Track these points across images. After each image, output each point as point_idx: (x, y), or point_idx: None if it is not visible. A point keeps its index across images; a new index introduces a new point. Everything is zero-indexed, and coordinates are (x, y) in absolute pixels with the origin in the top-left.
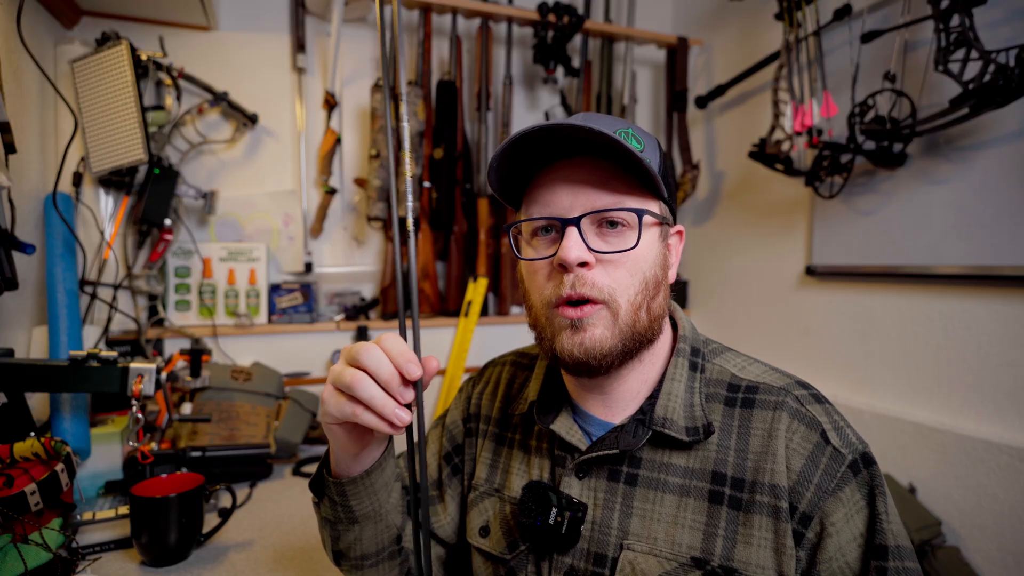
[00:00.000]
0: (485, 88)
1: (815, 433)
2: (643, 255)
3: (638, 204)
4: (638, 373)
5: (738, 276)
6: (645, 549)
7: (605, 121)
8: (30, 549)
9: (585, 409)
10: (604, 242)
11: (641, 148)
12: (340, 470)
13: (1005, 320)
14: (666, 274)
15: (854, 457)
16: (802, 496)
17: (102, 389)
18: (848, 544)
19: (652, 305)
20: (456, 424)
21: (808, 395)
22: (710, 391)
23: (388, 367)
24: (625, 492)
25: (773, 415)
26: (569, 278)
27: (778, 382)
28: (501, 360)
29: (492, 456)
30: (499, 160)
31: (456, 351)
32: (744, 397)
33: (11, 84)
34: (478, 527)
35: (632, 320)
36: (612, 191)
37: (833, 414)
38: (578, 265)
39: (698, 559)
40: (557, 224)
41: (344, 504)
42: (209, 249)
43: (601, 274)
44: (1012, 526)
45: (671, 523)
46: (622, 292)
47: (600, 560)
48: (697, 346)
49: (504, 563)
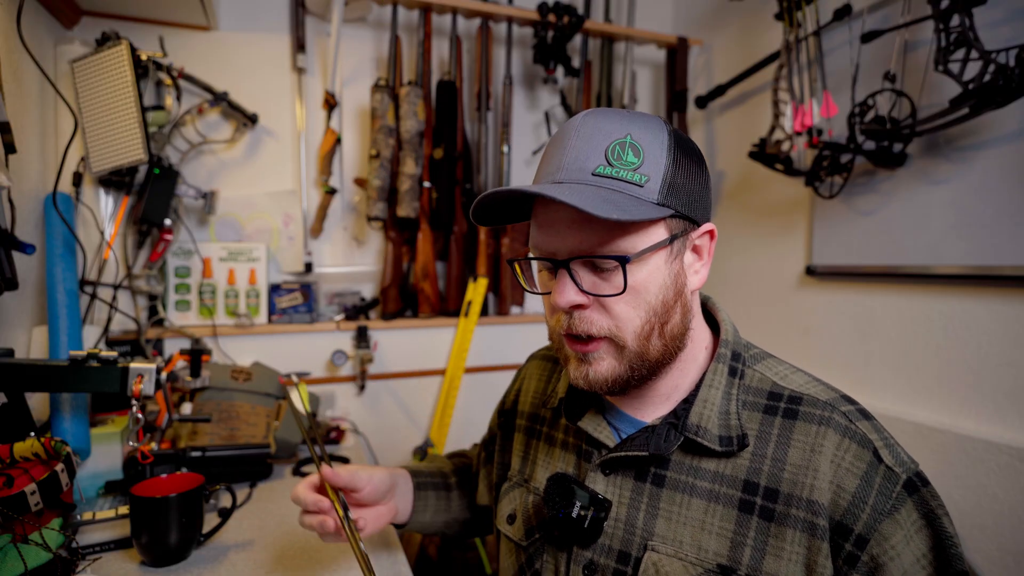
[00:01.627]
0: (485, 88)
1: (867, 452)
2: (643, 287)
3: (629, 243)
4: (669, 378)
5: (738, 276)
6: (670, 552)
7: (599, 137)
8: (30, 549)
9: (615, 406)
10: (599, 279)
11: (639, 162)
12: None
13: (1005, 320)
14: (681, 292)
15: (908, 476)
16: (858, 518)
17: (102, 389)
18: (912, 567)
19: (665, 329)
20: (495, 416)
21: (856, 411)
22: (748, 399)
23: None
24: (652, 492)
25: (818, 430)
26: (566, 318)
27: (823, 395)
28: (540, 354)
29: (524, 449)
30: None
31: (456, 351)
32: (787, 407)
33: (11, 84)
34: (506, 515)
35: (641, 350)
36: (599, 230)
37: (882, 431)
38: (573, 307)
39: (724, 567)
40: (550, 265)
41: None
42: (209, 249)
43: (599, 313)
44: (1012, 526)
45: (698, 528)
46: (625, 326)
47: (623, 558)
48: (739, 351)
49: (524, 550)
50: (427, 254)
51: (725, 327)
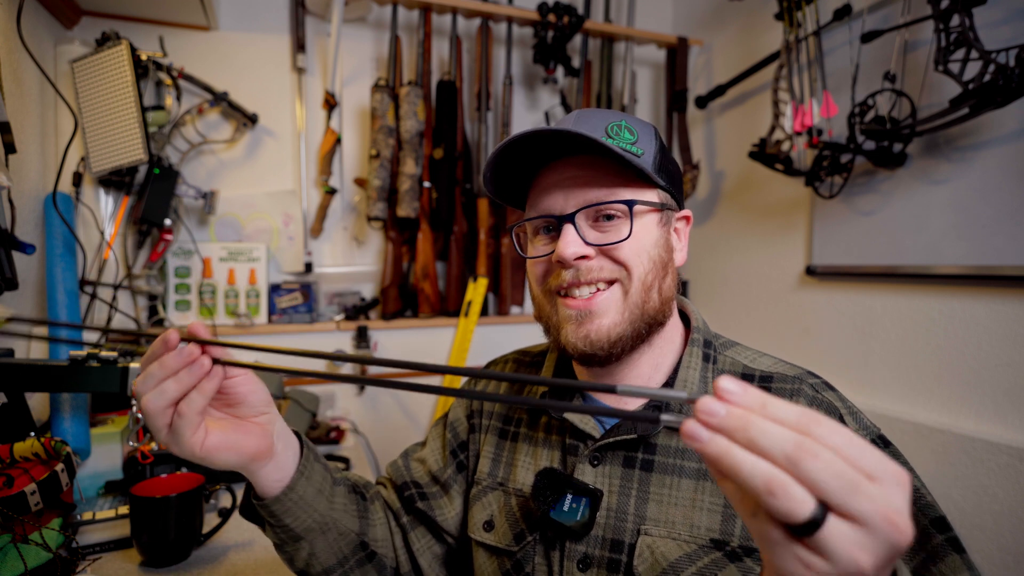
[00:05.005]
0: (485, 88)
1: (834, 417)
2: (643, 239)
3: (632, 195)
4: (649, 358)
5: (738, 276)
6: (663, 533)
7: (597, 117)
8: (30, 549)
9: (596, 398)
10: (601, 234)
11: (634, 139)
12: (261, 488)
13: (1005, 320)
14: (671, 257)
15: (872, 438)
16: None
17: (102, 389)
18: None
19: (663, 285)
20: (460, 420)
21: (821, 383)
22: None
23: (153, 369)
24: (641, 478)
25: (790, 401)
26: (568, 273)
27: (790, 372)
28: (503, 359)
29: (495, 451)
30: (492, 168)
31: (456, 351)
32: (759, 386)
33: (11, 84)
34: (482, 522)
35: (643, 299)
36: (605, 185)
37: (846, 400)
38: (577, 259)
39: (717, 541)
40: (554, 222)
41: (280, 524)
42: (209, 249)
43: (605, 262)
44: (1012, 526)
45: (689, 507)
46: (633, 270)
47: (617, 546)
48: (709, 338)
49: (510, 555)
50: (427, 254)
51: (695, 317)
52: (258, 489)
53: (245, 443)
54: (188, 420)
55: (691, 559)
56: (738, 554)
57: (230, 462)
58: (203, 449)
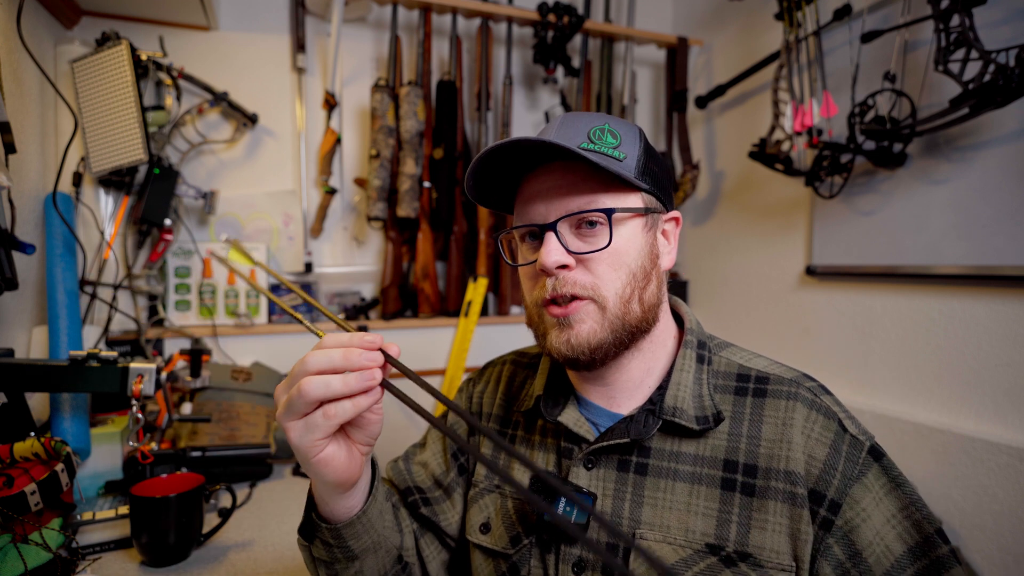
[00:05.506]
0: (485, 88)
1: (833, 423)
2: (624, 249)
3: (613, 201)
4: (640, 362)
5: (738, 276)
6: (658, 538)
7: (581, 121)
8: (30, 549)
9: (590, 400)
10: (583, 242)
11: (617, 143)
12: (331, 510)
13: (1005, 320)
14: (656, 263)
15: (871, 444)
16: (830, 484)
17: (102, 389)
18: (883, 527)
19: (644, 295)
20: (459, 423)
21: (818, 386)
22: (719, 382)
23: (334, 352)
24: (635, 482)
25: (787, 404)
26: (550, 281)
27: (787, 374)
28: (501, 360)
29: (492, 453)
30: (473, 177)
31: (456, 351)
32: (756, 387)
33: (11, 84)
34: (479, 524)
35: (622, 312)
36: (585, 192)
37: (842, 405)
38: (559, 268)
39: (712, 545)
40: (538, 230)
41: (341, 545)
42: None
43: (582, 273)
44: (1012, 526)
45: (684, 511)
46: (607, 286)
47: (612, 550)
48: (703, 340)
49: (506, 558)
50: (427, 254)
51: (689, 318)
52: (328, 510)
53: (348, 467)
54: (327, 422)
55: (686, 564)
56: (733, 559)
57: (327, 479)
58: (318, 457)
